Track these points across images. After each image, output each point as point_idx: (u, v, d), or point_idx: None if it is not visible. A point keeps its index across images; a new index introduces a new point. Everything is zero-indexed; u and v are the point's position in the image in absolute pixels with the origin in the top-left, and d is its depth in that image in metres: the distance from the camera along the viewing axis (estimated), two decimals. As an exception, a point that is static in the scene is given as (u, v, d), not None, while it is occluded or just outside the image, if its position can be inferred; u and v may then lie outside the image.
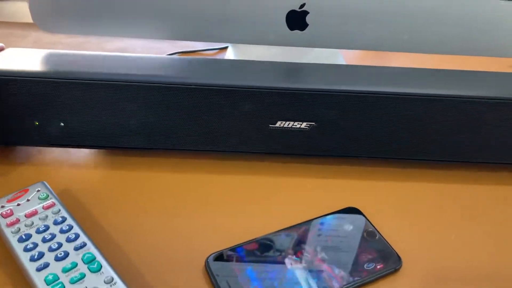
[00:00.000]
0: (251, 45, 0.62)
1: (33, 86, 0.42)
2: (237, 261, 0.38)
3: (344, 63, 0.64)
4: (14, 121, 0.44)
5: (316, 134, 0.46)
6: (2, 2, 0.77)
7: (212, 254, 0.38)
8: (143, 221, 0.41)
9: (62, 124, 0.44)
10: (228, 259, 0.38)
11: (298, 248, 0.39)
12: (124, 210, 0.42)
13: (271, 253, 0.38)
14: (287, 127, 0.45)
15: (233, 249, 0.39)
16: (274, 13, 0.50)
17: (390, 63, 0.73)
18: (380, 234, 0.40)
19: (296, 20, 0.50)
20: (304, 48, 0.54)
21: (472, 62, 0.72)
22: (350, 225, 0.41)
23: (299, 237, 0.40)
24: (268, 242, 0.39)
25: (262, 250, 0.39)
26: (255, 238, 0.40)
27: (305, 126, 0.45)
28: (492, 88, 0.46)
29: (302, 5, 0.49)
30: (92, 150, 0.49)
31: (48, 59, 0.45)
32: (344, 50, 0.70)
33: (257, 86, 0.43)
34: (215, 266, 0.37)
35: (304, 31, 0.51)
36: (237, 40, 0.52)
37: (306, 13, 0.50)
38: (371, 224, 0.41)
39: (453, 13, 0.50)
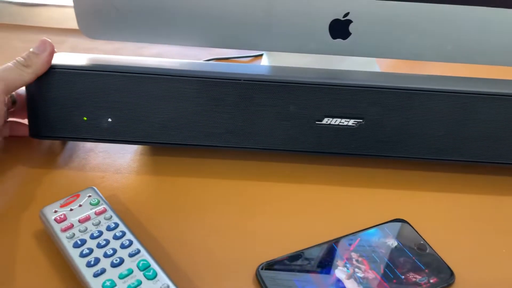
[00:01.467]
0: (286, 53, 0.62)
1: (87, 79, 0.43)
2: (288, 271, 0.37)
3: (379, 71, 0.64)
4: (63, 116, 0.45)
5: (364, 132, 0.46)
6: (37, 7, 0.78)
7: (263, 263, 0.38)
8: (191, 228, 0.41)
9: (110, 120, 0.45)
10: (279, 269, 0.37)
11: (348, 259, 0.38)
12: (171, 216, 0.43)
13: (321, 263, 0.38)
14: (334, 124, 0.45)
15: (284, 258, 0.38)
16: (318, 22, 0.50)
17: (426, 72, 0.72)
18: (431, 247, 0.40)
19: (339, 29, 0.50)
20: (340, 56, 0.54)
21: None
22: (400, 238, 0.41)
23: (349, 248, 0.39)
24: (318, 253, 0.39)
25: (312, 260, 0.38)
26: (305, 248, 0.39)
27: (353, 123, 0.45)
28: None
29: (346, 14, 0.49)
30: (135, 156, 0.50)
31: (100, 59, 0.47)
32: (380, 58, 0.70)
33: (303, 81, 0.44)
34: (266, 275, 0.37)
35: (346, 40, 0.51)
36: (278, 48, 0.52)
37: (349, 22, 0.50)
38: (421, 237, 0.41)
39: (502, 23, 0.49)
